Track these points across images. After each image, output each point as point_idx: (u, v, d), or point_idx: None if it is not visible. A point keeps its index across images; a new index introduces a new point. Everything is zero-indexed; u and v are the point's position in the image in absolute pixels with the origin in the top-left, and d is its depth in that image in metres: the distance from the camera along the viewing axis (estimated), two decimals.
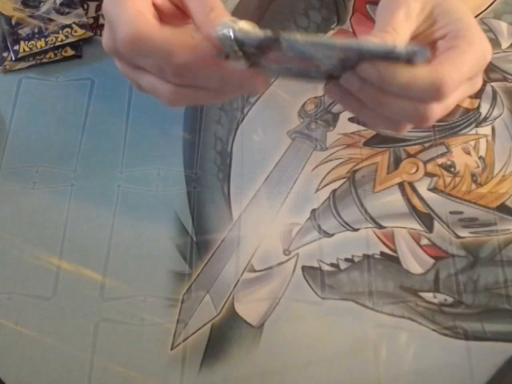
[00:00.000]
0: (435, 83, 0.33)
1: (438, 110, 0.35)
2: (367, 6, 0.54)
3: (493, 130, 0.48)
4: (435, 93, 0.33)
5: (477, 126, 0.48)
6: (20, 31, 0.53)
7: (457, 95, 0.35)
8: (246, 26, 0.32)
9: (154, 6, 0.37)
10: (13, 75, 0.52)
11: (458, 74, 0.34)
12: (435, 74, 0.33)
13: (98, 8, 0.55)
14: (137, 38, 0.34)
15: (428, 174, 0.47)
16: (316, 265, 0.44)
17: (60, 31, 0.53)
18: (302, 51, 0.32)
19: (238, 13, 0.54)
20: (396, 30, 0.35)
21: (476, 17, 0.52)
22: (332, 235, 0.45)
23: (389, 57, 0.31)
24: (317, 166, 0.47)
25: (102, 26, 0.54)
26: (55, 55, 0.52)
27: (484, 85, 0.49)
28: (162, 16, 0.37)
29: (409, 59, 0.31)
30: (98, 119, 0.50)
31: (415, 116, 0.35)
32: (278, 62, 0.33)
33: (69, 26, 0.53)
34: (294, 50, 0.32)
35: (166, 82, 0.35)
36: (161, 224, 0.45)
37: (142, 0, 0.36)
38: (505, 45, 0.52)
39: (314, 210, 0.46)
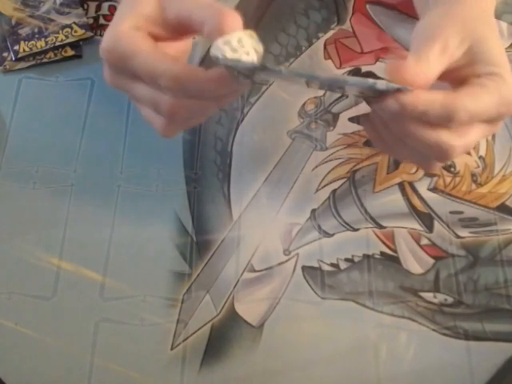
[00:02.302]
0: (447, 109, 0.34)
1: (457, 144, 0.36)
2: (367, 6, 0.54)
3: None
4: (446, 118, 0.34)
5: None
6: (20, 31, 0.53)
7: (476, 133, 0.36)
8: (243, 56, 0.33)
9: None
10: (13, 75, 0.52)
11: (475, 107, 0.35)
12: (450, 100, 0.34)
13: (98, 8, 0.55)
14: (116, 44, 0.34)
15: (428, 174, 0.47)
16: (316, 265, 0.44)
17: (60, 31, 0.53)
18: (289, 79, 0.34)
19: (238, 13, 0.53)
20: (429, 60, 0.35)
21: None
22: (332, 235, 0.45)
23: (372, 90, 0.33)
24: (317, 166, 0.47)
25: (102, 26, 0.54)
26: (55, 55, 0.52)
27: None
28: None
29: (389, 92, 0.33)
30: (98, 119, 0.50)
31: (436, 148, 0.36)
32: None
33: (69, 25, 0.53)
34: (281, 77, 0.33)
35: (164, 94, 0.35)
36: (161, 224, 0.45)
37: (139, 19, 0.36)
38: (505, 45, 0.52)
39: (313, 210, 0.46)
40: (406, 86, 0.33)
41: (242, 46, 0.33)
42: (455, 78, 0.37)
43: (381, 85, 0.32)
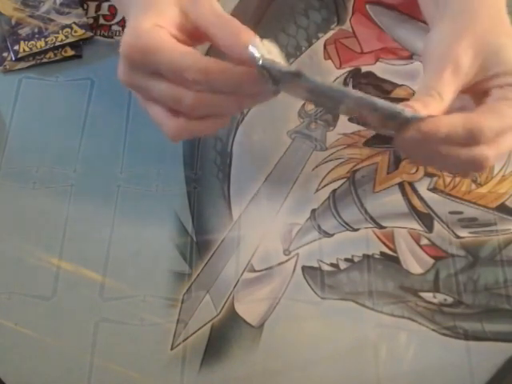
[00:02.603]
0: (470, 130, 0.34)
1: (491, 154, 0.36)
2: (367, 6, 0.54)
3: None
4: (470, 139, 0.35)
5: None
6: (20, 31, 0.53)
7: (509, 140, 0.36)
8: (273, 56, 0.34)
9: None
10: (13, 75, 0.52)
11: (499, 123, 0.35)
12: (472, 121, 0.34)
13: (98, 8, 0.55)
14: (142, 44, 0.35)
15: (428, 174, 0.47)
16: (316, 265, 0.44)
17: (60, 31, 0.53)
18: (319, 91, 0.35)
19: (238, 13, 0.54)
20: (441, 95, 0.35)
21: None
22: (332, 235, 0.45)
23: (395, 117, 0.34)
24: (317, 166, 0.47)
25: (102, 26, 0.54)
26: (55, 55, 0.52)
27: None
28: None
29: (410, 122, 0.34)
30: (98, 119, 0.50)
31: (470, 162, 0.36)
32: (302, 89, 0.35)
33: (69, 25, 0.53)
34: (312, 87, 0.34)
35: (187, 89, 0.35)
36: (161, 224, 0.45)
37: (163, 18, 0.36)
38: None
39: (313, 210, 0.46)
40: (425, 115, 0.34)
41: (269, 51, 0.34)
42: (475, 91, 0.37)
43: (408, 112, 0.33)
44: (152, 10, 0.36)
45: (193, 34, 0.37)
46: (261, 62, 0.33)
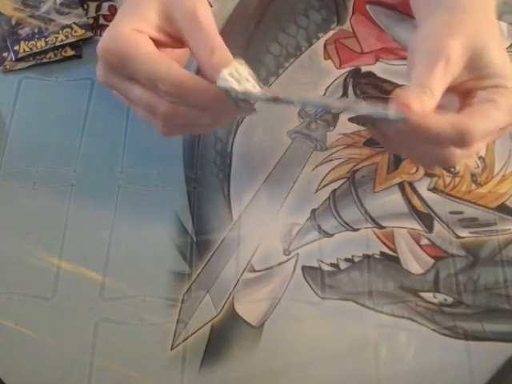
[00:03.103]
0: (460, 132, 0.35)
1: (462, 156, 0.37)
2: (367, 6, 0.54)
3: None
4: (460, 141, 0.35)
5: None
6: (20, 31, 0.53)
7: (483, 143, 0.37)
8: (247, 85, 0.34)
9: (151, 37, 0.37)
10: (13, 75, 0.52)
11: (486, 126, 0.35)
12: (462, 124, 0.35)
13: (98, 8, 0.55)
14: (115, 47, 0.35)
15: (428, 174, 0.46)
16: (316, 265, 0.44)
17: (60, 31, 0.53)
18: (302, 107, 0.35)
19: (238, 13, 0.54)
20: (433, 92, 0.35)
21: None
22: (332, 235, 0.45)
23: (382, 118, 0.34)
24: (317, 166, 0.47)
25: (102, 26, 0.54)
26: (55, 55, 0.52)
27: None
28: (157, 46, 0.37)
29: (399, 121, 0.34)
30: (98, 119, 0.50)
31: (441, 160, 0.38)
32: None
33: (69, 26, 0.53)
34: (294, 106, 0.35)
35: (161, 98, 0.35)
36: (161, 224, 0.45)
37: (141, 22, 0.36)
38: (505, 45, 0.52)
39: (314, 210, 0.46)
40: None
41: (239, 74, 0.34)
42: (460, 90, 0.38)
43: (392, 115, 0.34)
44: (133, 12, 0.36)
45: (175, 37, 0.37)
46: (234, 95, 0.33)
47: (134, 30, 0.35)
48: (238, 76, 0.34)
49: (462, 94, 0.38)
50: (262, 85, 0.35)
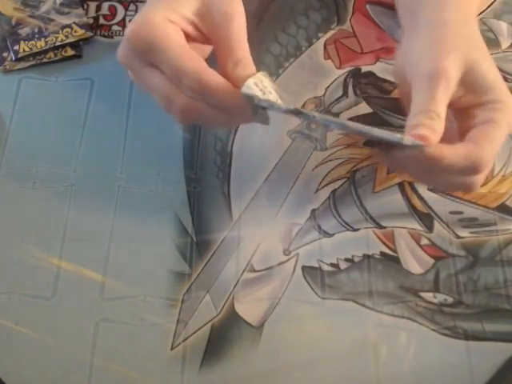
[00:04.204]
0: (474, 162, 0.36)
1: (477, 180, 0.39)
2: (367, 6, 0.54)
3: None
4: (474, 170, 0.37)
5: None
6: (20, 31, 0.53)
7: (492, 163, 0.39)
8: (270, 96, 0.35)
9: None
10: (13, 75, 0.52)
11: (495, 150, 0.37)
12: (474, 156, 0.36)
13: (98, 8, 0.55)
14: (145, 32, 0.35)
15: None
16: (316, 265, 0.44)
17: (60, 31, 0.53)
18: (319, 124, 0.37)
19: None
20: (440, 116, 0.36)
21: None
22: (332, 235, 0.45)
23: (396, 144, 0.35)
24: (317, 166, 0.47)
25: (102, 26, 0.54)
26: (55, 55, 0.52)
27: None
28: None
29: (414, 148, 0.35)
30: (98, 119, 0.50)
31: (460, 187, 0.40)
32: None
33: (69, 26, 0.53)
34: (312, 122, 0.37)
35: (180, 91, 0.35)
36: (161, 224, 0.45)
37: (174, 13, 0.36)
38: (505, 45, 0.52)
39: (314, 210, 0.46)
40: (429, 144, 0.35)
41: (264, 86, 0.35)
42: (456, 106, 0.38)
43: (407, 141, 0.34)
44: (169, 1, 0.36)
45: (204, 34, 0.37)
46: (257, 102, 0.34)
47: (166, 20, 0.35)
48: (262, 87, 0.35)
49: (457, 110, 0.39)
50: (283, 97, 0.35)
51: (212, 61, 0.37)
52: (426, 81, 0.37)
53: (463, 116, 0.39)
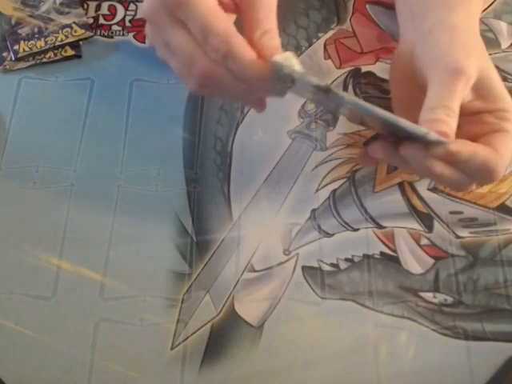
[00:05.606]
0: (491, 167, 0.36)
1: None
2: (367, 6, 0.54)
3: None
4: (488, 174, 0.37)
5: None
6: (20, 31, 0.53)
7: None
8: (294, 65, 0.34)
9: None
10: (13, 75, 0.52)
11: (508, 160, 0.37)
12: (492, 155, 0.36)
13: (98, 8, 0.55)
14: None
15: None
16: (316, 265, 0.44)
17: (60, 31, 0.53)
18: (344, 106, 0.36)
19: None
20: (455, 112, 0.36)
21: None
22: (332, 235, 0.45)
23: (418, 137, 0.35)
24: (317, 166, 0.47)
25: (102, 25, 0.54)
26: (55, 55, 0.52)
27: None
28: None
29: (433, 143, 0.35)
30: (98, 119, 0.50)
31: (460, 187, 0.40)
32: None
33: (69, 25, 0.53)
34: (336, 102, 0.35)
35: (204, 53, 0.34)
36: (161, 224, 0.45)
37: None
38: (505, 45, 0.52)
39: (314, 210, 0.46)
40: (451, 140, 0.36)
41: (292, 64, 0.34)
42: (464, 110, 0.38)
43: (433, 136, 0.34)
44: None
45: (234, 2, 0.36)
46: (289, 72, 0.33)
47: None
48: (291, 63, 0.34)
49: (465, 113, 0.39)
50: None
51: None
52: (446, 75, 0.37)
53: (470, 120, 0.39)
